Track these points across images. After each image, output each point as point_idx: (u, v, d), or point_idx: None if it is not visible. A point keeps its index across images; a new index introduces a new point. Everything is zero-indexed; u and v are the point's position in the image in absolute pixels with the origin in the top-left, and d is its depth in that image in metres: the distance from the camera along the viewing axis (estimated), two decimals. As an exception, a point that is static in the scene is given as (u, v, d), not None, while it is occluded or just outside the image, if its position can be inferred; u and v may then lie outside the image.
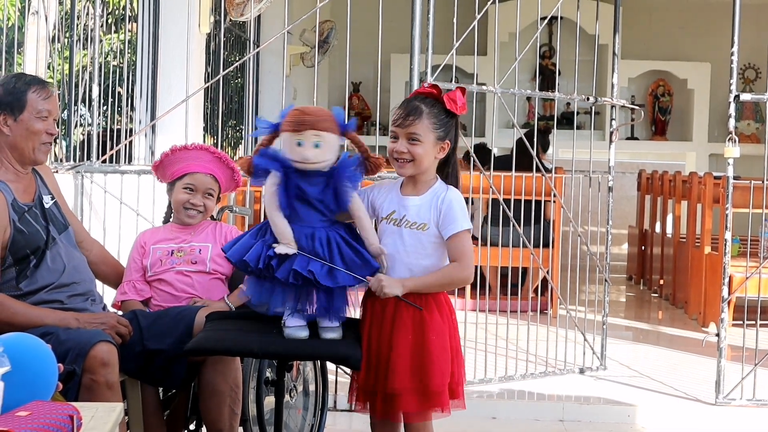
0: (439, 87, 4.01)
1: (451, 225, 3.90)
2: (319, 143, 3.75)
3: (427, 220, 3.90)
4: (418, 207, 3.92)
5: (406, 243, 3.91)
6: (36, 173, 4.40)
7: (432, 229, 3.90)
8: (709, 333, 8.09)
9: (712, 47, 15.66)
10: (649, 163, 14.25)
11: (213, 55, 10.25)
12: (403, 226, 3.92)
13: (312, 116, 3.78)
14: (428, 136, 3.88)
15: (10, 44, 6.38)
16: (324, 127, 3.77)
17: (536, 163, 6.87)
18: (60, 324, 4.05)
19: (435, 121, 3.90)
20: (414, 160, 3.89)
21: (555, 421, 6.27)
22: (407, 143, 3.88)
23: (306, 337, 3.81)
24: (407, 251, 3.90)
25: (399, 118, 3.91)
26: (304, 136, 3.74)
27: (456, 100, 3.95)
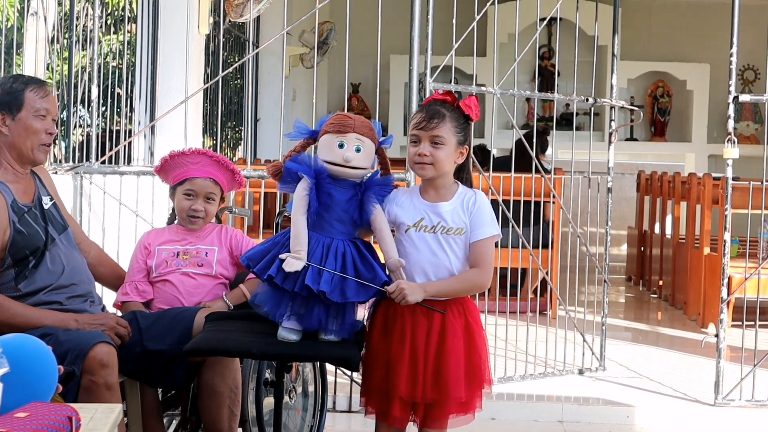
0: (454, 94, 4.02)
1: (480, 229, 3.89)
2: (360, 147, 3.78)
3: (463, 225, 3.89)
4: (451, 212, 3.90)
5: (445, 249, 3.88)
6: (34, 174, 4.40)
7: (467, 233, 3.90)
8: (708, 334, 8.08)
9: (711, 48, 15.67)
10: (649, 164, 14.26)
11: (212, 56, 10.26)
12: (439, 233, 3.89)
13: (356, 121, 3.81)
14: (451, 139, 3.88)
15: (9, 45, 6.38)
16: (366, 132, 3.80)
17: (535, 164, 6.87)
18: (59, 325, 4.05)
19: (456, 125, 3.90)
20: (435, 164, 3.88)
21: (554, 422, 6.27)
22: (430, 146, 3.87)
23: (296, 340, 3.80)
24: (448, 256, 3.88)
25: (422, 121, 3.89)
26: (346, 138, 3.77)
27: (472, 106, 3.95)
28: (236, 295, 4.53)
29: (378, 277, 3.77)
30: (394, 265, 3.82)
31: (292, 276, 3.69)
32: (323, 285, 3.67)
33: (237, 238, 4.66)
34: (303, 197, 3.78)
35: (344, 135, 3.77)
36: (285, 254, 3.69)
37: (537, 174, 6.89)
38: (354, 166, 3.78)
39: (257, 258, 3.81)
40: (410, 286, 3.79)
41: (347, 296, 3.72)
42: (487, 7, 6.65)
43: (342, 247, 3.78)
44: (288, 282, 3.70)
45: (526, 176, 6.95)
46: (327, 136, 3.81)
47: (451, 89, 6.37)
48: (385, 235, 3.86)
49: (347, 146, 3.77)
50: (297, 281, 3.69)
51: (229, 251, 4.62)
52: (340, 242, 3.78)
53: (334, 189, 3.79)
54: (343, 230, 3.81)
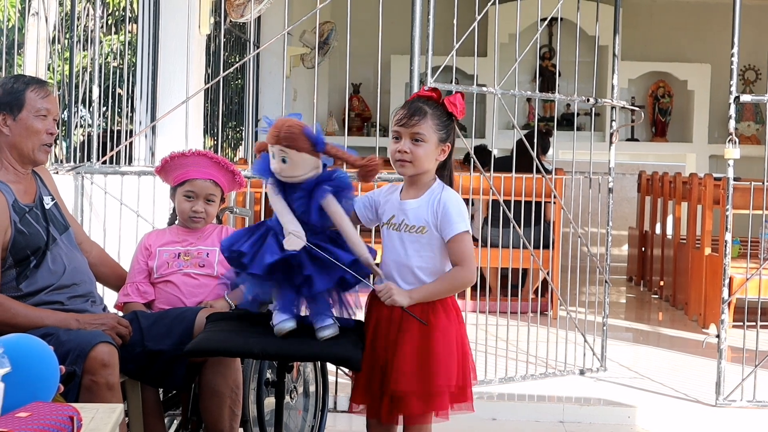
0: (439, 91, 4.01)
1: (449, 228, 3.88)
2: (285, 158, 3.72)
3: (425, 223, 3.89)
4: (416, 210, 3.91)
5: (407, 247, 3.90)
6: (36, 175, 4.40)
7: (431, 231, 3.89)
8: (710, 334, 8.08)
9: (712, 48, 15.66)
10: (650, 164, 14.26)
11: (213, 56, 10.25)
12: (403, 231, 3.91)
13: (282, 132, 3.71)
14: (432, 136, 3.88)
15: (10, 45, 6.38)
16: (289, 144, 3.70)
17: (536, 164, 6.87)
18: (60, 325, 4.06)
19: (438, 123, 3.90)
20: (414, 161, 3.88)
21: (555, 423, 6.27)
22: (411, 143, 3.87)
23: (292, 328, 3.79)
24: (408, 255, 3.90)
25: (403, 118, 3.89)
26: (274, 149, 3.73)
27: (456, 103, 3.95)
28: (238, 294, 4.53)
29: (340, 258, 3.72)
30: (365, 262, 3.78)
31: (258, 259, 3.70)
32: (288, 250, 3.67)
33: (237, 238, 4.66)
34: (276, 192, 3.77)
35: (272, 146, 3.73)
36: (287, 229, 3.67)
37: (538, 174, 6.89)
38: (283, 176, 3.75)
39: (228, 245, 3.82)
40: (398, 289, 3.81)
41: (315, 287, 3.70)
42: (487, 7, 6.65)
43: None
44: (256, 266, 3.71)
45: (527, 176, 6.95)
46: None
47: (451, 89, 6.40)
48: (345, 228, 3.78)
49: (275, 157, 3.74)
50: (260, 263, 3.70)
51: (230, 252, 4.62)
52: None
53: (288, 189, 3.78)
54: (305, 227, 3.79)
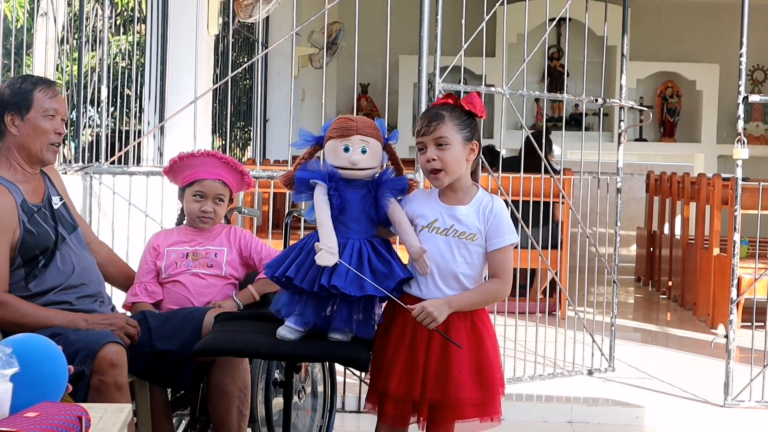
0: (454, 95, 4.00)
1: (499, 238, 3.86)
2: (366, 148, 3.76)
3: (476, 231, 3.85)
4: (467, 216, 3.86)
5: (454, 253, 3.85)
6: (44, 175, 4.41)
7: (480, 239, 3.87)
8: (718, 335, 8.06)
9: (721, 49, 15.65)
10: (658, 164, 14.24)
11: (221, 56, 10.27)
12: (451, 236, 3.87)
13: (358, 123, 3.80)
14: (455, 137, 3.84)
15: (19, 46, 6.39)
16: (370, 132, 3.79)
17: (544, 164, 6.87)
18: (69, 325, 4.06)
19: (458, 123, 3.86)
20: (445, 168, 3.85)
21: (563, 423, 6.27)
22: (436, 149, 3.83)
23: (294, 339, 3.80)
24: (455, 261, 3.85)
25: (422, 126, 3.87)
26: (350, 141, 3.75)
27: (474, 102, 3.92)
28: (246, 295, 4.54)
29: (394, 272, 3.76)
30: (416, 254, 3.79)
31: (310, 277, 3.69)
32: (335, 279, 3.66)
33: (246, 239, 4.67)
34: (325, 200, 3.76)
35: (348, 138, 3.76)
36: (319, 244, 3.68)
37: (546, 174, 6.88)
38: (362, 167, 3.77)
39: (276, 264, 3.80)
40: (434, 304, 3.76)
41: (366, 290, 3.69)
42: (496, 7, 6.65)
43: (358, 244, 3.76)
44: (306, 282, 3.70)
45: (535, 177, 6.95)
46: (331, 141, 3.80)
47: (460, 90, 6.40)
48: (404, 226, 3.83)
49: (352, 149, 3.76)
50: (315, 281, 3.69)
51: (238, 252, 4.63)
52: (356, 241, 3.77)
53: (346, 190, 3.79)
54: (359, 229, 3.80)
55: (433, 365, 3.81)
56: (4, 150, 4.27)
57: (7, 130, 4.23)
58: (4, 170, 4.23)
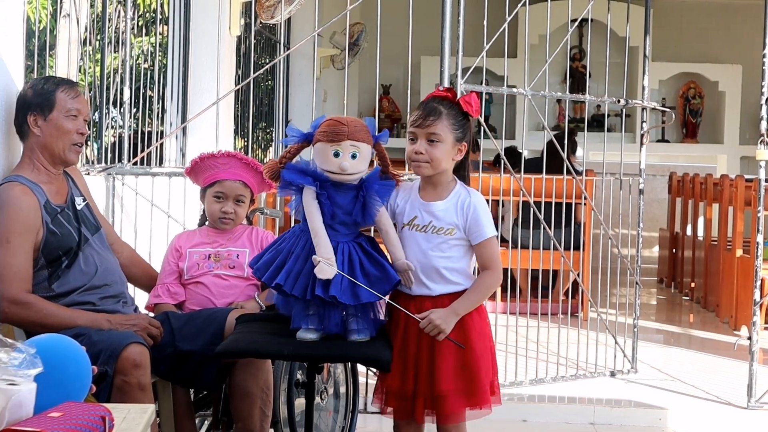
0: (454, 90, 4.02)
1: (480, 232, 3.90)
2: (356, 153, 3.75)
3: (453, 225, 3.89)
4: (444, 212, 3.90)
5: (433, 248, 3.89)
6: (67, 175, 4.42)
7: (458, 233, 3.90)
8: (741, 336, 8.01)
9: (744, 49, 15.58)
10: (680, 165, 14.18)
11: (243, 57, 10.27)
12: (430, 232, 3.90)
13: (349, 126, 3.76)
14: (448, 136, 3.88)
15: (42, 47, 6.42)
16: (361, 137, 3.76)
17: (567, 165, 6.85)
18: (92, 325, 4.07)
19: (454, 122, 3.89)
20: (431, 162, 3.88)
21: (586, 424, 6.25)
22: (426, 144, 3.87)
23: (314, 339, 3.81)
24: (435, 256, 3.89)
25: (418, 118, 3.90)
26: (341, 146, 3.73)
27: (471, 102, 3.94)
28: (268, 296, 4.54)
29: (389, 274, 3.77)
30: (401, 267, 3.82)
31: (300, 283, 3.70)
32: (332, 289, 3.67)
33: (268, 240, 4.67)
34: (315, 206, 3.75)
35: (338, 144, 3.73)
36: (317, 258, 3.67)
37: (568, 175, 6.87)
38: (351, 173, 3.75)
39: (264, 268, 3.81)
40: (441, 316, 3.80)
41: (360, 298, 3.71)
42: (518, 8, 6.64)
43: (347, 249, 3.76)
44: (297, 289, 3.70)
45: (557, 178, 6.93)
46: (321, 144, 3.76)
47: (482, 90, 6.39)
48: (390, 236, 3.86)
49: (343, 154, 3.72)
50: (307, 289, 3.69)
51: (260, 253, 4.63)
52: (345, 244, 3.77)
53: (336, 194, 3.78)
54: (346, 232, 3.80)
55: (423, 358, 3.87)
56: (27, 151, 4.29)
57: (30, 130, 4.24)
58: (28, 171, 4.24)
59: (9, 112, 4.30)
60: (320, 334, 3.81)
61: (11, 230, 4.06)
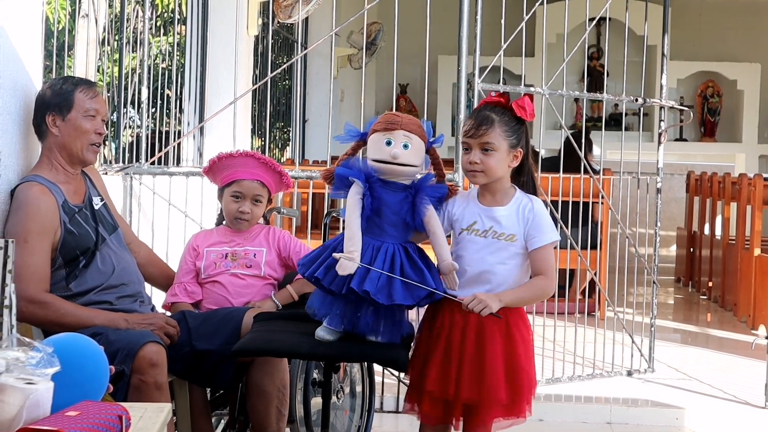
0: (507, 95, 3.99)
1: (539, 237, 3.86)
2: (408, 144, 3.74)
3: (515, 232, 3.86)
4: (506, 218, 3.87)
5: (493, 254, 3.86)
6: (85, 175, 4.44)
7: (519, 241, 3.88)
8: (759, 335, 8.02)
9: (762, 48, 15.56)
10: (698, 164, 14.16)
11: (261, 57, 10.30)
12: (491, 237, 3.87)
13: (404, 118, 3.79)
14: (501, 144, 3.85)
15: (60, 47, 6.43)
16: (414, 129, 3.77)
17: (584, 164, 6.85)
18: (109, 324, 4.08)
19: (507, 129, 3.87)
20: (485, 171, 3.86)
21: (602, 424, 6.25)
22: (481, 153, 3.85)
23: (332, 341, 3.81)
24: (493, 262, 3.86)
25: (471, 128, 3.87)
26: (393, 135, 3.73)
27: (525, 107, 3.92)
28: (284, 295, 4.55)
29: (426, 281, 3.73)
30: (446, 268, 3.79)
31: (339, 278, 3.69)
32: (367, 284, 3.65)
33: (285, 239, 4.68)
34: (357, 200, 3.74)
35: (391, 132, 3.74)
36: (338, 254, 3.67)
37: (585, 174, 6.86)
38: (402, 162, 3.74)
39: (309, 263, 3.80)
40: (489, 296, 3.76)
41: (394, 298, 3.68)
42: (535, 7, 6.64)
43: (392, 249, 3.75)
44: (335, 284, 3.70)
45: (575, 177, 6.93)
46: (375, 135, 3.78)
47: (500, 90, 6.39)
48: (438, 237, 3.82)
49: (395, 143, 3.73)
50: (344, 284, 3.69)
51: (277, 252, 4.63)
52: (390, 245, 3.76)
53: (384, 192, 3.77)
54: (395, 234, 3.79)
55: (467, 364, 3.82)
56: (46, 150, 4.30)
57: (49, 130, 4.26)
58: (46, 171, 4.26)
59: (28, 112, 4.32)
60: (338, 336, 3.81)
61: (29, 230, 4.08)
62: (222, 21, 7.87)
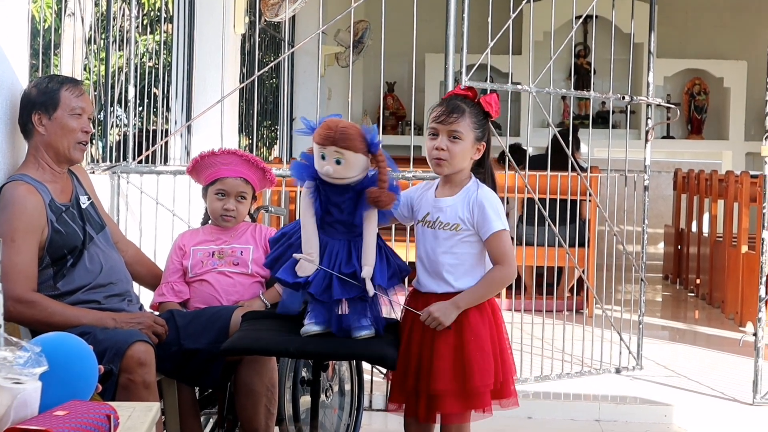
0: (475, 90, 4.02)
1: (487, 226, 3.89)
2: (341, 160, 3.72)
3: (459, 221, 3.90)
4: (451, 207, 3.92)
5: (440, 244, 3.90)
6: (72, 174, 4.43)
7: (466, 229, 3.90)
8: (747, 332, 8.03)
9: (749, 45, 15.58)
10: (686, 162, 14.19)
11: (248, 55, 10.29)
12: (437, 228, 3.91)
13: (337, 133, 3.72)
14: (469, 135, 3.89)
15: (46, 46, 6.41)
16: (346, 145, 3.71)
17: (572, 162, 6.85)
18: (97, 324, 4.08)
19: (475, 121, 3.91)
20: (450, 159, 3.88)
21: (591, 421, 6.26)
22: (448, 140, 3.88)
23: (319, 331, 3.82)
24: (440, 252, 3.90)
25: (441, 114, 3.90)
26: (326, 150, 3.72)
27: (492, 103, 3.95)
28: (273, 294, 4.55)
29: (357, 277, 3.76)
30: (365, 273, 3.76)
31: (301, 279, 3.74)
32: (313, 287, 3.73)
33: (271, 236, 4.67)
34: (308, 201, 3.79)
35: (324, 147, 3.73)
36: (298, 255, 3.71)
37: (573, 172, 6.87)
38: (334, 177, 3.74)
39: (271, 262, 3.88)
40: (441, 309, 3.82)
41: (332, 295, 3.73)
42: (522, 5, 6.64)
43: (337, 247, 3.78)
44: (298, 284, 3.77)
45: (562, 174, 6.94)
46: (314, 145, 3.79)
47: (486, 88, 6.39)
48: (368, 239, 3.79)
49: (327, 158, 3.72)
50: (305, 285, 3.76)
51: (264, 250, 4.63)
52: (337, 242, 3.78)
53: (331, 193, 3.79)
54: (344, 230, 3.81)
55: (425, 359, 3.88)
56: (32, 150, 4.29)
57: (35, 129, 4.25)
58: (32, 170, 4.25)
59: (13, 111, 4.30)
60: (324, 327, 3.82)
61: (16, 229, 4.07)
62: (209, 19, 7.86)
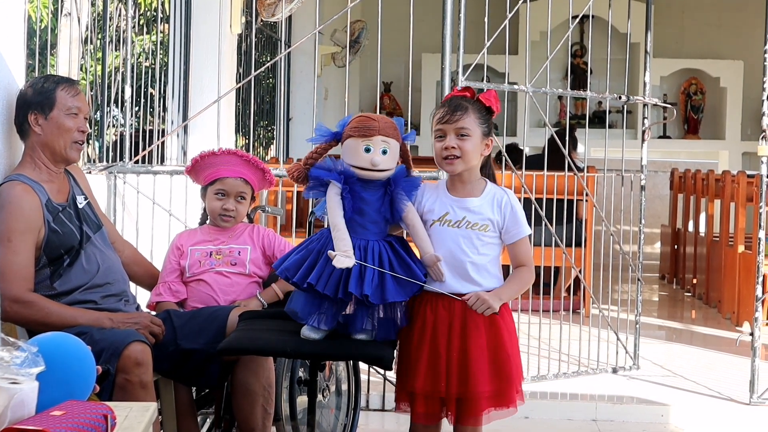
0: (472, 89, 4.03)
1: (517, 229, 3.93)
2: (387, 150, 3.75)
3: (488, 222, 3.90)
4: (480, 208, 3.91)
5: (466, 244, 3.89)
6: (68, 174, 4.42)
7: (493, 231, 3.91)
8: (743, 332, 8.04)
9: (745, 45, 15.59)
10: (682, 161, 14.21)
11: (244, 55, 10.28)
12: (464, 227, 3.90)
13: (380, 122, 3.77)
14: (476, 130, 3.89)
15: (43, 46, 6.42)
16: (391, 134, 3.77)
17: (568, 162, 6.85)
18: (94, 324, 4.07)
19: (479, 117, 3.91)
20: (462, 156, 3.88)
21: (588, 421, 6.25)
22: (456, 138, 3.87)
23: (318, 339, 3.81)
24: (466, 252, 3.89)
25: (446, 114, 3.90)
26: (372, 141, 3.73)
27: (491, 98, 3.96)
28: (270, 293, 4.55)
29: (415, 275, 3.76)
30: (430, 261, 3.81)
31: (332, 282, 3.69)
32: (366, 288, 3.67)
33: (269, 237, 4.68)
34: (337, 201, 3.75)
35: (370, 138, 3.73)
36: (333, 252, 3.66)
37: (570, 172, 6.87)
38: (382, 168, 3.76)
39: (294, 268, 3.79)
40: (490, 296, 3.83)
41: (386, 297, 3.70)
42: (519, 5, 6.64)
43: (378, 247, 3.76)
44: (329, 288, 3.69)
45: (559, 174, 6.93)
46: (351, 140, 3.77)
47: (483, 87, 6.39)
48: (418, 230, 3.85)
49: (374, 150, 3.73)
50: (339, 287, 3.69)
51: (261, 250, 4.63)
52: (375, 243, 3.77)
53: (364, 191, 3.77)
54: (376, 231, 3.80)
55: (455, 360, 3.85)
56: (29, 150, 4.29)
57: (31, 129, 4.24)
58: (29, 170, 4.24)
59: (10, 111, 4.30)
60: (324, 334, 3.81)
61: (13, 229, 4.06)
62: (205, 19, 7.86)
